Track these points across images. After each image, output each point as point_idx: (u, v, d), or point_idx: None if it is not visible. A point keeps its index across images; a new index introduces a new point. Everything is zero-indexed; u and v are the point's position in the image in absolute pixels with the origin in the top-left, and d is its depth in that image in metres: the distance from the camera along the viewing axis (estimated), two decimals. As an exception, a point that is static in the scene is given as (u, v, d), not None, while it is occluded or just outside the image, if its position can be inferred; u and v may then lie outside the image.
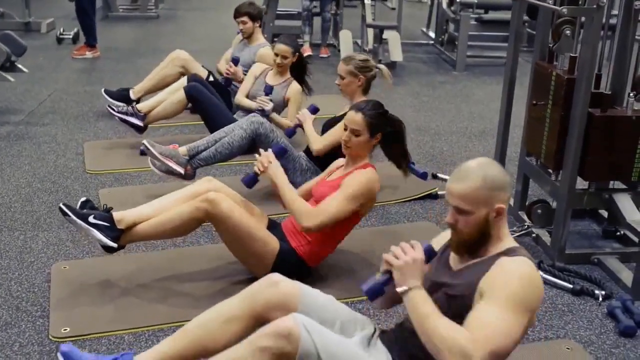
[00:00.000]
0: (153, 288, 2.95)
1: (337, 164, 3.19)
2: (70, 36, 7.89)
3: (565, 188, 3.28)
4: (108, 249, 2.88)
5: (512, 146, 4.23)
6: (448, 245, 2.06)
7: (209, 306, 2.21)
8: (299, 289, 2.13)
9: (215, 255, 3.18)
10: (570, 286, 3.10)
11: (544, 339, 2.76)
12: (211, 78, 5.03)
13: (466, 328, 1.78)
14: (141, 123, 4.55)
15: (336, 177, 3.02)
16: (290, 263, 2.88)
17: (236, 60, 4.86)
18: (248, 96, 4.51)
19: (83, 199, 2.98)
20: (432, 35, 8.83)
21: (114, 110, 4.59)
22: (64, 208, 2.80)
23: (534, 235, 3.55)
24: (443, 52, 8.19)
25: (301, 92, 4.42)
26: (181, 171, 3.65)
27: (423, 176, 4.06)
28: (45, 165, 4.38)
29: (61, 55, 7.39)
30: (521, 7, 3.76)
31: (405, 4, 7.84)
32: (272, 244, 2.89)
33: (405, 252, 1.90)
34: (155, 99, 4.71)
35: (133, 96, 5.06)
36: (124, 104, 4.84)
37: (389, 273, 1.93)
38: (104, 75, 6.65)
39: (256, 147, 3.72)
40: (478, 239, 1.95)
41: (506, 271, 1.86)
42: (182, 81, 4.74)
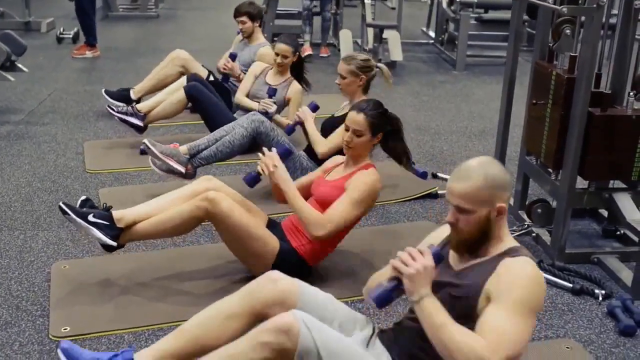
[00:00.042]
0: (153, 287, 2.95)
1: (335, 161, 3.18)
2: (70, 36, 7.90)
3: (565, 187, 3.28)
4: (107, 248, 2.88)
5: (512, 145, 4.23)
6: (446, 243, 2.06)
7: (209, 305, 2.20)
8: (298, 287, 2.13)
9: (215, 254, 3.18)
10: (570, 285, 3.10)
11: (544, 338, 2.76)
12: (211, 78, 5.03)
13: (480, 334, 1.78)
14: (141, 123, 4.55)
15: (338, 177, 3.00)
16: (290, 262, 2.88)
17: (233, 55, 4.86)
18: (248, 95, 4.51)
19: (83, 198, 2.99)
20: (432, 34, 8.83)
21: (114, 110, 4.59)
22: (64, 207, 2.80)
23: (534, 234, 3.55)
24: (443, 52, 8.19)
25: (302, 92, 4.42)
26: (182, 170, 3.65)
27: (423, 176, 4.06)
28: (45, 164, 4.38)
29: (61, 54, 7.39)
30: (521, 7, 3.75)
31: (405, 4, 7.84)
32: (272, 244, 2.89)
33: (414, 259, 1.86)
34: (154, 99, 4.71)
35: (133, 96, 5.06)
36: (124, 104, 4.84)
37: (397, 280, 1.88)
38: (104, 74, 6.65)
39: (257, 146, 3.73)
40: (479, 238, 1.95)
41: (512, 273, 1.86)
42: (182, 81, 4.73)
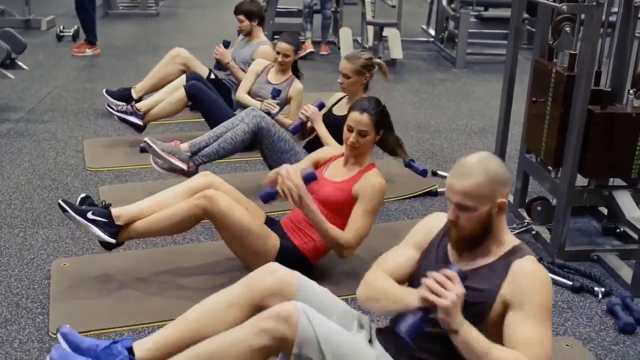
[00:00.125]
0: (153, 284, 2.95)
1: (328, 153, 3.15)
2: (70, 34, 7.90)
3: (565, 185, 3.28)
4: (106, 246, 2.89)
5: (512, 143, 4.23)
6: (442, 239, 2.04)
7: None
8: (297, 278, 2.14)
9: (215, 252, 3.18)
10: (569, 283, 3.10)
11: (544, 336, 2.76)
12: (212, 76, 5.02)
13: (516, 347, 1.81)
14: (140, 122, 4.54)
15: (343, 179, 2.97)
16: (292, 260, 2.85)
17: (226, 43, 4.88)
18: (250, 93, 4.50)
19: (82, 195, 2.99)
20: (432, 32, 8.82)
21: (113, 109, 4.58)
22: (63, 204, 2.81)
23: (534, 232, 3.55)
24: (443, 50, 8.19)
25: (303, 91, 4.41)
26: (184, 167, 3.64)
27: (423, 173, 4.05)
28: (45, 162, 4.38)
29: (61, 52, 7.39)
30: (521, 5, 3.75)
31: (405, 2, 7.83)
32: (273, 241, 2.89)
33: (445, 287, 1.80)
34: (154, 98, 4.70)
35: (135, 95, 5.05)
36: (124, 103, 4.83)
37: (424, 309, 1.82)
38: (104, 72, 6.65)
39: (257, 142, 3.73)
40: (480, 235, 1.94)
41: (528, 278, 1.87)
42: (181, 80, 4.73)
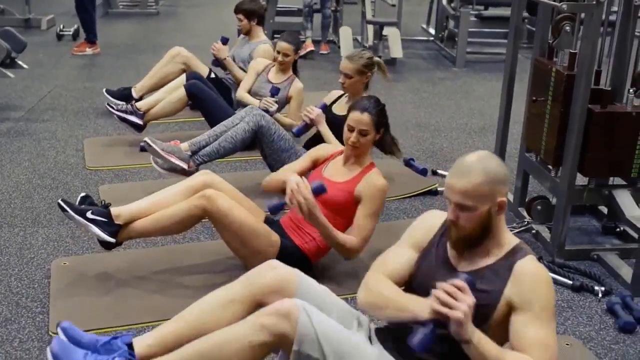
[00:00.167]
0: (153, 284, 2.95)
1: (326, 151, 3.15)
2: (70, 33, 7.89)
3: (565, 184, 3.28)
4: (106, 245, 2.89)
5: (512, 142, 4.23)
6: (440, 238, 2.03)
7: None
8: (297, 276, 2.14)
9: (215, 251, 3.18)
10: (569, 282, 3.10)
11: (544, 335, 2.76)
12: (212, 75, 5.02)
13: (524, 351, 1.82)
14: (140, 121, 4.54)
15: (345, 180, 2.96)
16: (292, 259, 2.85)
17: (225, 39, 4.88)
18: (250, 92, 4.50)
19: (82, 195, 3.00)
20: (432, 31, 8.81)
21: (113, 108, 4.58)
22: (62, 204, 2.81)
23: (534, 231, 3.55)
24: (443, 49, 8.18)
25: (303, 91, 4.40)
26: (184, 166, 3.63)
27: (423, 172, 4.06)
28: (45, 161, 4.38)
29: (61, 51, 7.38)
30: (521, 4, 3.75)
31: (405, 1, 7.81)
32: (273, 241, 2.89)
33: (456, 298, 1.77)
34: (154, 97, 4.70)
35: (135, 95, 5.04)
36: (124, 103, 4.83)
37: (434, 320, 1.80)
38: (104, 71, 6.65)
39: (257, 141, 3.72)
40: (480, 235, 1.94)
41: (532, 279, 1.89)
42: (181, 79, 4.72)
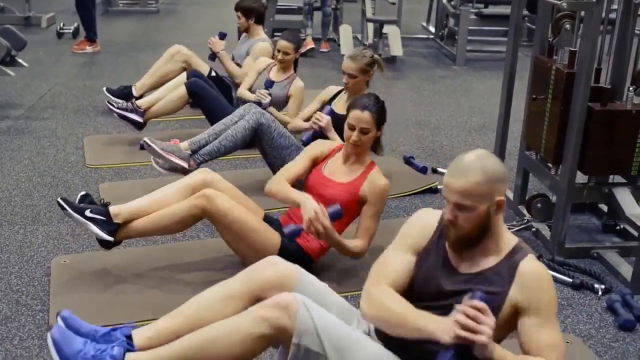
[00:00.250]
0: (153, 281, 2.95)
1: (326, 147, 3.12)
2: (70, 31, 7.89)
3: (565, 182, 3.28)
4: (105, 244, 2.89)
5: (512, 140, 4.23)
6: (439, 239, 2.02)
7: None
8: (297, 272, 2.13)
9: (215, 249, 3.18)
10: (569, 280, 3.10)
11: (543, 333, 2.76)
12: (213, 73, 5.02)
13: (537, 353, 1.83)
14: (141, 119, 4.53)
15: (348, 180, 2.95)
16: (294, 258, 2.84)
17: (222, 34, 4.91)
18: (251, 91, 4.49)
19: (82, 193, 2.99)
20: (432, 29, 8.81)
21: (114, 106, 4.58)
22: (62, 202, 2.81)
23: (534, 229, 3.56)
24: (443, 47, 8.18)
25: (304, 89, 4.39)
26: (185, 165, 3.62)
27: (423, 170, 4.07)
28: (45, 159, 4.38)
29: (61, 49, 7.38)
30: (521, 2, 3.75)
31: (405, -1, 7.83)
32: (274, 239, 2.89)
33: (478, 321, 1.76)
34: (154, 95, 4.69)
35: (135, 93, 5.03)
36: (124, 101, 4.82)
37: (457, 345, 1.78)
38: (104, 69, 6.65)
39: (257, 139, 3.71)
40: (478, 234, 1.92)
41: (536, 280, 1.89)
42: (182, 77, 4.72)
